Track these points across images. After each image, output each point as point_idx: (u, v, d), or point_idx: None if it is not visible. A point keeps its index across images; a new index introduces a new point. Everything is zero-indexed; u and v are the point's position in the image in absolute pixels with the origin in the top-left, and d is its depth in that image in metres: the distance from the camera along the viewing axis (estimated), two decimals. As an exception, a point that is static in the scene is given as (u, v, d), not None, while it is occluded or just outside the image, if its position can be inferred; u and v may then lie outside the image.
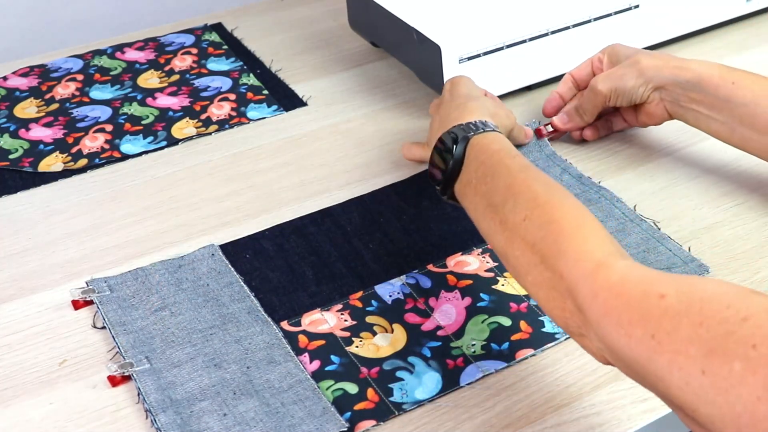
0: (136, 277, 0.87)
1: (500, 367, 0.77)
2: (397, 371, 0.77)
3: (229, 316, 0.83)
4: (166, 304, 0.84)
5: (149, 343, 0.80)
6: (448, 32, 1.05)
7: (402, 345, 0.80)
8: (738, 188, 0.96)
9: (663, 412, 0.73)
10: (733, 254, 0.88)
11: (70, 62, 1.25)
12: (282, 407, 0.74)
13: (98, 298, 0.85)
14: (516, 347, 0.79)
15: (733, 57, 1.18)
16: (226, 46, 1.27)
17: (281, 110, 1.13)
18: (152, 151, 1.07)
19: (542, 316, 0.82)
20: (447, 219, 0.93)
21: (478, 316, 0.82)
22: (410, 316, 0.83)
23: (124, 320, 0.82)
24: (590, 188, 0.95)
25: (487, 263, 0.88)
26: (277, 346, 0.79)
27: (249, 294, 0.85)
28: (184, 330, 0.81)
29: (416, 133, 1.08)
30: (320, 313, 0.83)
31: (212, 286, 0.86)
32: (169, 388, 0.76)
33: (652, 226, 0.91)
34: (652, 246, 0.88)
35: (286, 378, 0.76)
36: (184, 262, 0.89)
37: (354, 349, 0.79)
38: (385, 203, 0.96)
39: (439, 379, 0.77)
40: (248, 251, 0.91)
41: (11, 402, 0.77)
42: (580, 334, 0.64)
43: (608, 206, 0.93)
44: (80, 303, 0.85)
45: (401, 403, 0.75)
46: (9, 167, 1.05)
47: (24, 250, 0.93)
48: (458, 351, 0.79)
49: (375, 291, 0.86)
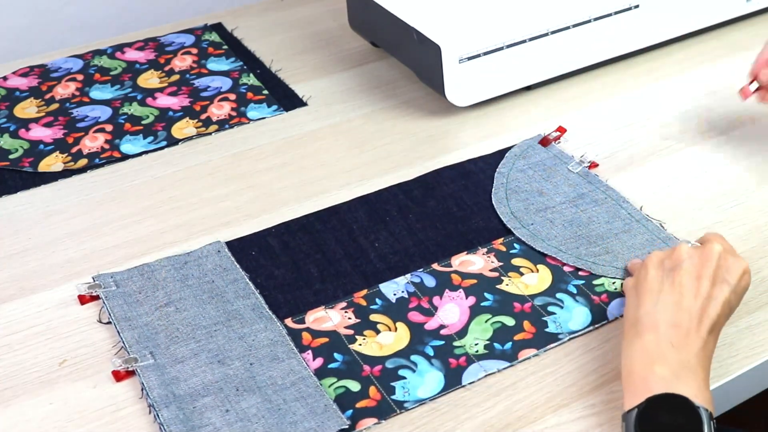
0: (142, 272, 0.87)
1: (503, 367, 0.77)
2: (399, 369, 0.77)
3: (234, 313, 0.83)
4: (172, 300, 0.84)
5: (154, 338, 0.80)
6: (448, 32, 1.05)
7: (405, 343, 0.80)
8: (738, 188, 0.96)
9: (663, 412, 0.73)
10: (733, 254, 0.88)
11: (70, 62, 1.25)
12: (284, 404, 0.74)
13: (104, 294, 0.85)
14: (519, 347, 0.79)
15: (733, 57, 1.18)
16: (226, 46, 1.27)
17: (281, 110, 1.13)
18: (152, 151, 1.07)
19: (545, 317, 0.82)
20: (452, 218, 0.93)
21: (481, 315, 0.82)
22: (414, 314, 0.83)
23: (129, 315, 0.83)
24: (597, 188, 0.95)
25: (492, 263, 0.88)
26: (280, 343, 0.80)
27: (254, 291, 0.85)
28: (189, 326, 0.82)
29: (416, 133, 1.08)
30: (324, 310, 0.84)
31: (217, 282, 0.86)
32: (173, 384, 0.76)
33: (658, 226, 0.91)
34: (658, 247, 0.88)
35: (289, 375, 0.77)
36: (190, 259, 0.89)
37: (357, 347, 0.80)
38: (392, 202, 0.96)
39: (441, 378, 0.77)
40: (254, 248, 0.91)
41: (11, 402, 0.77)
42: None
43: (614, 207, 0.93)
44: (86, 298, 0.86)
45: (403, 401, 0.75)
46: (9, 167, 1.05)
47: (24, 250, 0.93)
48: (461, 350, 0.79)
49: (379, 289, 0.86)
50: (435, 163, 1.02)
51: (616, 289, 0.84)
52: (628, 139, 1.05)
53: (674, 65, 1.18)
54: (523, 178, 0.98)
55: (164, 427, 0.72)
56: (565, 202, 0.94)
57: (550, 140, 1.03)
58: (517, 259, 0.88)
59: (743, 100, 0.97)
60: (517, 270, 0.87)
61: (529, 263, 0.87)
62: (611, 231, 0.90)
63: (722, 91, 1.12)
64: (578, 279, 0.85)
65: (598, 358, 0.78)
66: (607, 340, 0.80)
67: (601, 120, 1.08)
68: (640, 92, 1.13)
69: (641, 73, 1.17)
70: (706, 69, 1.16)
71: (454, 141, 1.06)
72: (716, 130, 1.05)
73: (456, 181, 0.99)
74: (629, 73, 1.17)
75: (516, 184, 0.97)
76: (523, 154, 1.02)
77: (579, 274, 0.86)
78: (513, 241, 0.90)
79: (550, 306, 0.83)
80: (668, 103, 1.11)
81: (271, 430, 0.72)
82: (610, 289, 0.84)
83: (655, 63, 1.18)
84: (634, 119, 1.08)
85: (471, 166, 1.01)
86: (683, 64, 1.18)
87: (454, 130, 1.08)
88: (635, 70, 1.17)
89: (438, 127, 1.09)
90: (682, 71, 1.16)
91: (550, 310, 0.82)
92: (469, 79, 1.07)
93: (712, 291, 0.74)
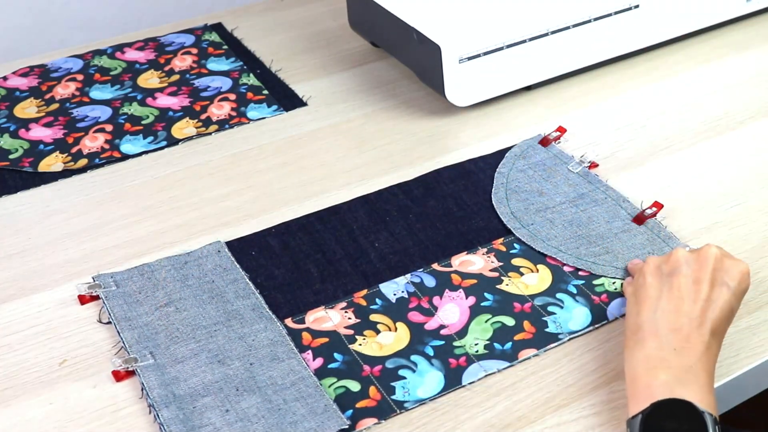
0: (142, 272, 0.87)
1: (503, 367, 0.77)
2: (399, 370, 0.77)
3: (234, 313, 0.83)
4: (172, 300, 0.84)
5: (154, 338, 0.80)
6: (448, 32, 1.05)
7: (405, 343, 0.80)
8: (738, 188, 0.96)
9: (663, 412, 0.73)
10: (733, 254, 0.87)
11: (70, 62, 1.25)
12: (284, 404, 0.74)
13: (104, 293, 0.85)
14: (519, 347, 0.79)
15: (733, 57, 1.18)
16: (226, 46, 1.27)
17: (281, 110, 1.13)
18: (152, 151, 1.07)
19: (545, 317, 0.82)
20: (452, 219, 0.93)
21: (481, 315, 0.82)
22: (414, 314, 0.83)
23: (129, 315, 0.83)
24: (597, 187, 0.95)
25: (492, 263, 0.88)
26: (280, 343, 0.80)
27: (254, 291, 0.85)
28: (189, 326, 0.82)
29: (416, 133, 1.08)
30: (324, 310, 0.84)
31: (217, 282, 0.86)
32: (173, 384, 0.76)
33: (658, 224, 0.91)
34: (658, 247, 0.88)
35: (289, 375, 0.77)
36: (190, 259, 0.89)
37: (357, 347, 0.80)
38: (392, 202, 0.96)
39: (441, 378, 0.77)
40: (254, 248, 0.91)
41: (11, 402, 0.77)
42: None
43: (614, 207, 0.93)
44: (86, 298, 0.86)
45: (403, 401, 0.75)
46: (9, 167, 1.05)
47: (24, 250, 0.93)
48: (461, 350, 0.79)
49: (379, 289, 0.86)
50: (435, 163, 1.02)
51: (616, 289, 0.84)
52: (629, 139, 1.05)
53: (674, 65, 1.18)
54: (523, 178, 0.98)
55: (164, 427, 0.72)
56: (565, 202, 0.94)
57: (550, 140, 1.03)
58: (517, 259, 0.88)
59: None
60: (517, 270, 0.87)
61: (529, 263, 0.87)
62: (611, 231, 0.90)
63: (722, 91, 1.12)
64: (578, 279, 0.85)
65: (598, 358, 0.78)
66: (607, 340, 0.80)
67: (602, 120, 1.08)
68: (640, 92, 1.13)
69: (641, 73, 1.17)
70: (706, 69, 1.16)
71: (454, 141, 1.06)
72: (716, 130, 1.05)
73: (456, 181, 0.99)
74: (629, 73, 1.17)
75: (516, 184, 0.97)
76: (523, 154, 1.02)
77: (579, 274, 0.86)
78: (513, 241, 0.90)
79: (550, 306, 0.83)
80: (668, 103, 1.11)
81: (271, 430, 0.72)
82: (610, 289, 0.84)
83: (655, 63, 1.18)
84: (634, 119, 1.08)
85: (471, 166, 1.01)
86: (683, 64, 1.18)
87: (454, 130, 1.08)
88: (635, 70, 1.17)
89: (438, 127, 1.09)
90: (682, 71, 1.16)
91: (550, 310, 0.82)
92: (469, 79, 1.07)
93: (711, 294, 0.74)
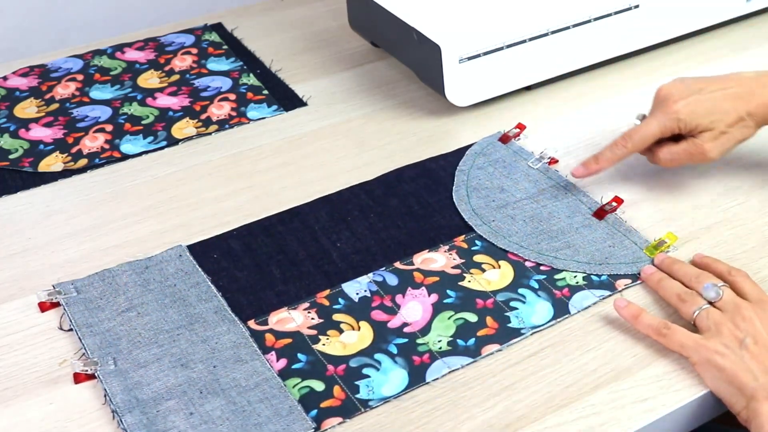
0: (103, 278, 0.87)
1: (466, 363, 0.78)
2: (363, 368, 0.78)
3: (196, 316, 0.83)
4: (133, 305, 0.84)
5: (116, 344, 0.80)
6: (448, 32, 1.05)
7: (369, 342, 0.80)
8: (738, 188, 0.96)
9: (663, 412, 0.73)
10: (733, 254, 0.88)
11: (70, 62, 1.25)
12: (248, 405, 0.74)
13: (65, 300, 0.85)
14: (482, 343, 0.79)
15: (733, 57, 1.18)
16: (226, 46, 1.27)
17: (281, 110, 1.13)
18: (152, 151, 1.07)
19: (508, 312, 0.82)
20: (414, 217, 0.94)
21: (444, 312, 0.82)
22: (377, 313, 0.83)
23: (90, 322, 0.82)
24: (557, 183, 0.96)
25: (454, 260, 0.88)
26: (243, 345, 0.80)
27: (216, 294, 0.85)
28: (151, 330, 0.81)
29: (416, 133, 1.08)
30: (287, 311, 0.84)
31: (179, 286, 0.86)
32: (136, 389, 0.76)
33: (618, 219, 0.91)
34: (618, 240, 0.88)
35: (253, 376, 0.77)
36: (151, 263, 0.89)
37: (321, 347, 0.80)
38: (353, 202, 0.96)
39: (405, 376, 0.77)
40: (216, 251, 0.91)
41: (11, 402, 0.77)
42: None
43: (574, 202, 0.93)
44: (47, 305, 0.85)
45: (367, 399, 0.75)
46: (9, 167, 1.05)
47: (24, 250, 0.93)
48: (424, 347, 0.79)
49: (342, 289, 0.86)
50: (435, 163, 1.02)
51: (578, 283, 0.85)
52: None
53: (674, 65, 1.18)
54: (483, 175, 0.98)
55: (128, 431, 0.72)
56: (525, 198, 0.95)
57: (510, 137, 1.03)
58: (478, 256, 0.88)
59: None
60: (479, 267, 0.87)
61: (490, 260, 0.88)
62: (572, 226, 0.91)
63: (722, 91, 1.12)
64: (540, 274, 0.86)
65: (598, 358, 0.78)
66: (607, 340, 0.80)
67: (602, 120, 1.08)
68: (640, 92, 1.13)
69: (641, 73, 1.17)
70: (706, 69, 1.16)
71: (454, 141, 1.06)
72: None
73: (417, 180, 0.99)
74: (629, 73, 1.17)
75: (477, 181, 0.97)
76: (484, 151, 1.02)
77: (541, 269, 0.86)
78: (474, 238, 0.90)
79: (513, 301, 0.83)
80: (668, 103, 1.11)
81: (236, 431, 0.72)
82: (571, 283, 0.85)
83: (655, 63, 1.18)
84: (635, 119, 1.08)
85: (432, 165, 1.01)
86: (683, 64, 1.18)
87: (454, 130, 1.08)
88: (635, 70, 1.17)
89: (438, 127, 1.09)
90: (682, 71, 1.16)
91: (512, 305, 0.83)
92: (469, 79, 1.07)
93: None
